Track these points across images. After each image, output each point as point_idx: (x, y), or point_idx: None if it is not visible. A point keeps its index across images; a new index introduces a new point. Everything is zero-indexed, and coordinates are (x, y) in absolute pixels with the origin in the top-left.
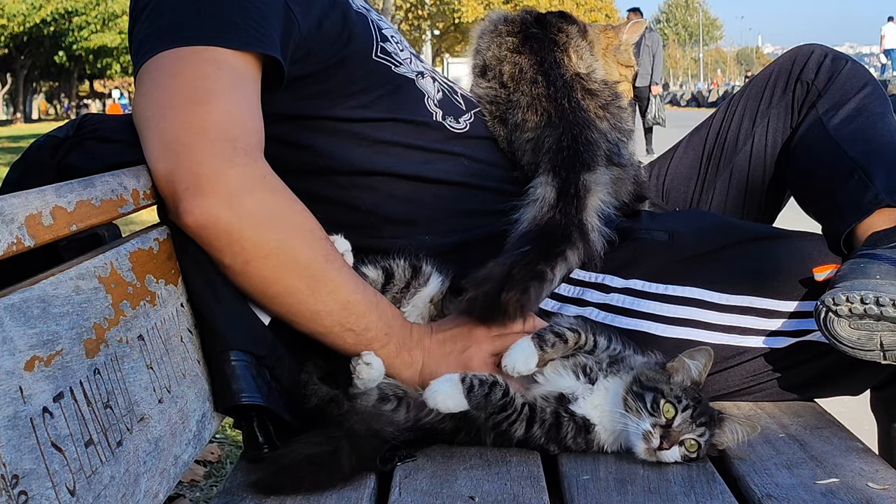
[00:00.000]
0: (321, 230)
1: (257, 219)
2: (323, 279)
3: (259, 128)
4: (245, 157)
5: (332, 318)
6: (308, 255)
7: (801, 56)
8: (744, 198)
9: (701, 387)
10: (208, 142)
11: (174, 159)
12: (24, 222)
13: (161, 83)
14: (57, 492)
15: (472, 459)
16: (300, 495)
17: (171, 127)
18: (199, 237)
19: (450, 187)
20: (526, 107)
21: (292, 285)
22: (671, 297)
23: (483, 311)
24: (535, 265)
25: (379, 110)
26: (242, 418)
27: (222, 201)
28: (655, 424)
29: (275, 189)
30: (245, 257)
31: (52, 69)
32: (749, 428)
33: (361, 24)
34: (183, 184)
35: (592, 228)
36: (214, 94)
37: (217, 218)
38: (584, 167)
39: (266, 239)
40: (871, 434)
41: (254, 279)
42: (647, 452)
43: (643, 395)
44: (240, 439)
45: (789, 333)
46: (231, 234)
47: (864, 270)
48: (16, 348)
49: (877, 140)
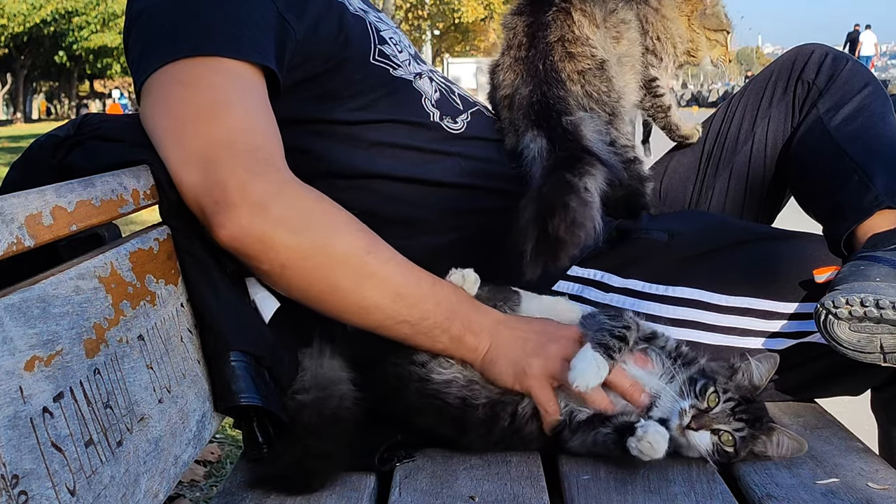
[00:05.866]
0: (357, 223)
1: (289, 223)
2: (366, 273)
3: (276, 133)
4: (269, 164)
5: (382, 312)
6: (345, 249)
7: (802, 56)
8: (743, 198)
9: (759, 391)
10: (233, 154)
11: (200, 174)
12: (24, 222)
13: (175, 94)
14: (57, 492)
15: (472, 459)
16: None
17: (193, 141)
18: (235, 249)
19: (447, 187)
20: (507, 68)
21: (334, 283)
22: (671, 298)
23: (541, 255)
24: (562, 178)
25: (377, 112)
26: (242, 418)
27: (253, 211)
28: (693, 406)
29: (302, 191)
30: (281, 262)
31: (52, 69)
32: (797, 444)
33: (359, 28)
34: (212, 198)
35: (601, 150)
36: (231, 105)
37: (250, 228)
38: (560, 113)
39: (300, 241)
40: (871, 434)
41: (294, 282)
42: (677, 429)
43: (697, 380)
44: (240, 439)
45: (789, 335)
46: (264, 241)
47: (864, 273)
48: (16, 348)
49: (877, 140)
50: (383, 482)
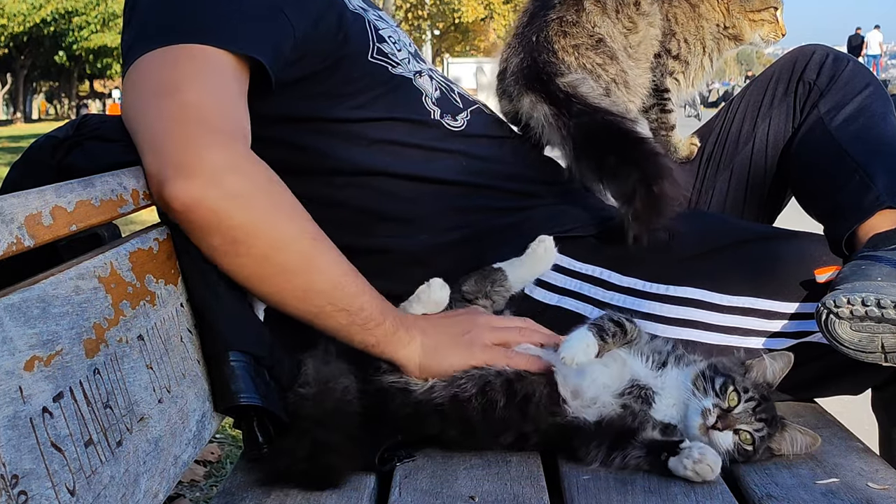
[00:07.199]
0: (305, 211)
1: (242, 196)
2: (312, 256)
3: (237, 115)
4: (223, 138)
5: (323, 297)
6: (294, 231)
7: (803, 56)
8: (744, 198)
9: (773, 388)
10: (182, 127)
11: (155, 152)
12: (23, 222)
13: (137, 85)
14: (57, 492)
15: (472, 459)
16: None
17: (148, 122)
18: (187, 221)
19: (448, 185)
20: (506, 47)
21: (282, 263)
22: (671, 298)
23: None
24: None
25: (376, 110)
26: (242, 418)
27: (205, 182)
28: (716, 405)
29: (256, 168)
30: (234, 236)
31: (52, 69)
32: (811, 439)
33: (358, 26)
34: (164, 173)
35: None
36: (184, 83)
37: (202, 198)
38: (552, 75)
39: (252, 216)
40: (872, 434)
41: (243, 259)
42: (701, 429)
43: (714, 378)
44: (240, 439)
45: (790, 335)
46: (217, 212)
47: (865, 272)
48: (16, 348)
49: (878, 140)
50: (383, 482)
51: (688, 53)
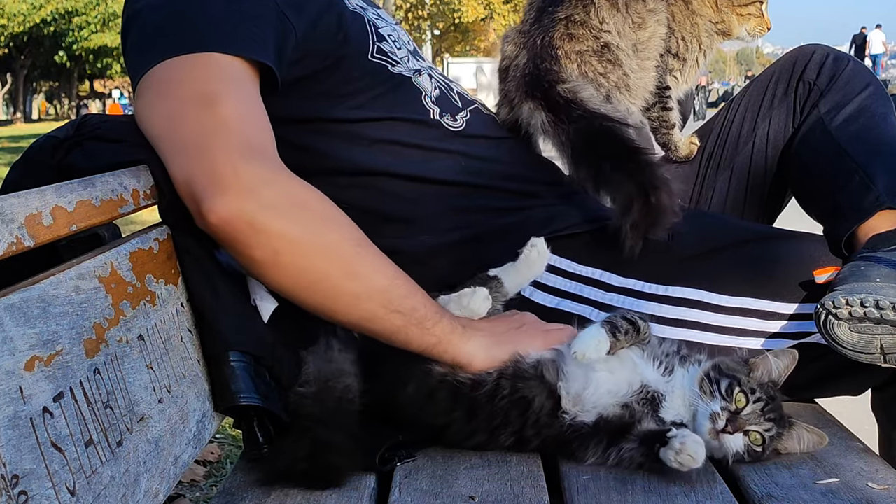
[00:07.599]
0: (346, 217)
1: (279, 207)
2: (356, 261)
3: (268, 126)
4: (261, 152)
5: (373, 301)
6: (336, 237)
7: (803, 56)
8: (744, 198)
9: (778, 386)
10: (224, 140)
11: (190, 163)
12: (23, 222)
13: (164, 92)
14: (57, 492)
15: (472, 459)
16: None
17: (183, 132)
18: (225, 235)
19: (448, 185)
20: (510, 41)
21: (326, 270)
22: (670, 298)
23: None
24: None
25: (376, 110)
26: (242, 418)
27: (242, 195)
28: (725, 408)
29: (293, 179)
30: (274, 247)
31: (52, 69)
32: (818, 437)
33: (357, 25)
34: (201, 185)
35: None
36: (221, 96)
37: (240, 212)
38: (552, 83)
39: (291, 226)
40: (872, 434)
41: (287, 269)
42: (711, 433)
43: (720, 380)
44: (240, 439)
45: (789, 336)
46: (255, 225)
47: (864, 273)
48: (16, 348)
49: (879, 141)
50: (383, 482)
51: (685, 51)
